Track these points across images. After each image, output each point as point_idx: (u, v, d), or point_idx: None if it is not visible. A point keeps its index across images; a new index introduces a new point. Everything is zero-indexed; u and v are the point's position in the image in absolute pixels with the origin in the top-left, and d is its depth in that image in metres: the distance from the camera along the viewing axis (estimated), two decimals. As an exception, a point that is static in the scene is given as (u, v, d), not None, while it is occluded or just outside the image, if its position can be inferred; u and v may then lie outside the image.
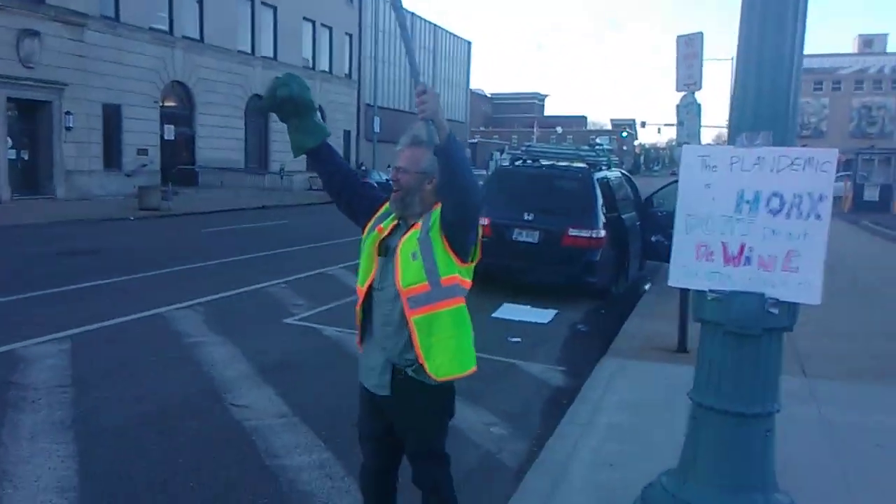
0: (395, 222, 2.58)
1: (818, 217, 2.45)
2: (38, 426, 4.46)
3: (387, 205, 2.64)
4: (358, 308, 2.66)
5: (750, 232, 2.55)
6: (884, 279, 11.34)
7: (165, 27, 26.82)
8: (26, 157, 21.56)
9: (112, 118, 24.26)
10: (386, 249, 2.55)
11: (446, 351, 2.49)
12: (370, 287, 2.59)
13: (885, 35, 75.04)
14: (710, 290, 2.61)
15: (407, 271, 2.47)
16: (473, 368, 2.56)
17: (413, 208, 2.54)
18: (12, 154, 20.87)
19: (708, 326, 2.68)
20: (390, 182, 2.58)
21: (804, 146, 3.27)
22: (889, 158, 30.09)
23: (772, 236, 2.52)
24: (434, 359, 2.47)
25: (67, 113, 22.01)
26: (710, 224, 2.62)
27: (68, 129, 22.14)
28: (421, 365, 2.49)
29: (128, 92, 24.64)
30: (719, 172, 2.59)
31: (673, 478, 2.82)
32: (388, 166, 2.93)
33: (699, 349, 2.76)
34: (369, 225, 2.64)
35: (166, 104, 27.21)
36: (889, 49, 73.86)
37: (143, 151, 25.63)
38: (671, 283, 2.73)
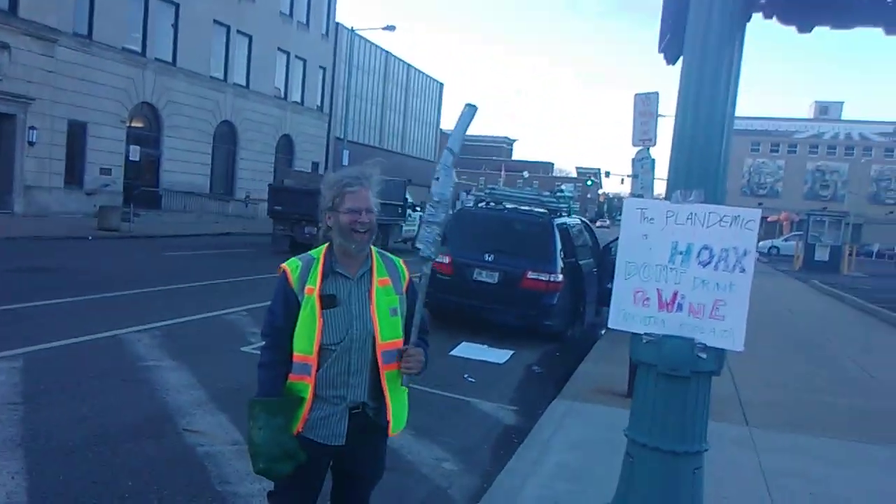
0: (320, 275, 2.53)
1: (742, 270, 2.67)
2: (-14, 442, 4.42)
3: (294, 271, 2.55)
4: None
5: (682, 281, 2.76)
6: (827, 333, 11.78)
7: (138, 48, 26.84)
8: (-15, 170, 21.22)
9: (77, 135, 24.02)
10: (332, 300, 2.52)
11: None
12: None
13: (841, 103, 78.41)
14: (646, 334, 2.81)
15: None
16: None
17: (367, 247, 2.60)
18: (-30, 165, 20.53)
19: (643, 368, 2.86)
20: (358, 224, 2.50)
21: (760, 204, 3.52)
22: (840, 221, 31.32)
23: (701, 286, 2.73)
24: None
25: (31, 128, 21.75)
26: (647, 272, 2.82)
27: (31, 143, 21.86)
28: None
29: (95, 110, 24.46)
30: (656, 224, 2.81)
31: (609, 513, 2.96)
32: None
33: (635, 389, 2.94)
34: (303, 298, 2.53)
35: (133, 125, 27.07)
36: (843, 117, 77.23)
37: (106, 171, 25.35)
38: (610, 324, 2.92)
